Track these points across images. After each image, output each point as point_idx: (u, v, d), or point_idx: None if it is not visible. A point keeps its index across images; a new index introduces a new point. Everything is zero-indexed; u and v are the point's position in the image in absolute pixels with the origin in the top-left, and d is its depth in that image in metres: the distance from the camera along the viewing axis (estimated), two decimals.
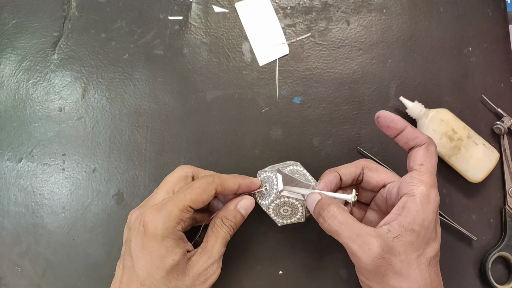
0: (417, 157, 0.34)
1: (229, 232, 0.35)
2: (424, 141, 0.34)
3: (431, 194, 0.32)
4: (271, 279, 0.42)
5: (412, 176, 0.33)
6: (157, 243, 0.31)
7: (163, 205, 0.33)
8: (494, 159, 0.42)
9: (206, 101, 0.46)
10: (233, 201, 0.37)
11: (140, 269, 0.32)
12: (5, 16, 0.48)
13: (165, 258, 0.32)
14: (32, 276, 0.43)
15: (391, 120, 0.35)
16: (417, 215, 0.31)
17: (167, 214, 0.32)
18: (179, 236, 0.33)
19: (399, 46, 0.47)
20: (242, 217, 0.36)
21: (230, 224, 0.35)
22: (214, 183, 0.34)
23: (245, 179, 0.37)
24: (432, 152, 0.34)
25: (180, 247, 0.32)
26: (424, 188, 0.32)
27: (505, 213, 0.44)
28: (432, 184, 0.32)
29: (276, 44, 0.47)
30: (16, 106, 0.46)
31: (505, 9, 0.48)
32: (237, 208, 0.36)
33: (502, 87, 0.47)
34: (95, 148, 0.45)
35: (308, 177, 0.38)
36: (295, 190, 0.37)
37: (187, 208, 0.33)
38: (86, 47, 0.47)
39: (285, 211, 0.37)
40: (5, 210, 0.44)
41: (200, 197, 0.33)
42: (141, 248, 0.32)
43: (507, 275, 0.43)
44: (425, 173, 0.33)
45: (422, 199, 0.31)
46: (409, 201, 0.32)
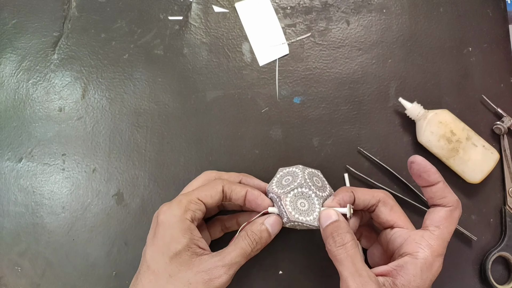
0: (436, 217, 0.33)
1: (250, 245, 0.34)
2: (450, 204, 0.33)
3: (434, 263, 0.31)
4: (271, 279, 0.42)
5: (423, 236, 0.32)
6: (165, 230, 0.33)
7: (174, 199, 0.35)
8: (493, 160, 0.42)
9: (206, 101, 0.46)
10: (261, 218, 0.36)
11: (148, 253, 0.34)
12: (5, 16, 0.48)
13: (170, 245, 0.33)
14: (31, 275, 0.43)
15: (424, 170, 0.33)
16: (413, 280, 0.30)
17: (177, 204, 0.34)
18: (187, 225, 0.33)
19: (399, 46, 0.47)
20: (268, 234, 0.35)
21: (254, 237, 0.34)
22: (220, 181, 0.36)
23: (253, 189, 0.37)
24: (455, 218, 0.33)
25: (186, 237, 0.33)
26: (430, 254, 0.31)
27: (505, 213, 0.44)
28: (439, 253, 0.31)
29: (276, 44, 0.47)
30: (16, 106, 0.46)
31: (505, 9, 0.48)
32: (264, 223, 0.35)
33: (502, 87, 0.47)
34: (95, 148, 0.45)
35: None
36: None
37: (195, 199, 0.35)
38: (86, 47, 0.47)
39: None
40: (5, 210, 0.44)
41: (207, 192, 0.35)
42: (152, 237, 0.34)
43: (507, 275, 0.43)
44: (438, 239, 0.31)
45: (423, 266, 0.30)
46: (410, 263, 0.31)
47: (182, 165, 0.44)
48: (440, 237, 0.32)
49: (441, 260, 0.31)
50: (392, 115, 0.46)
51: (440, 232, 0.32)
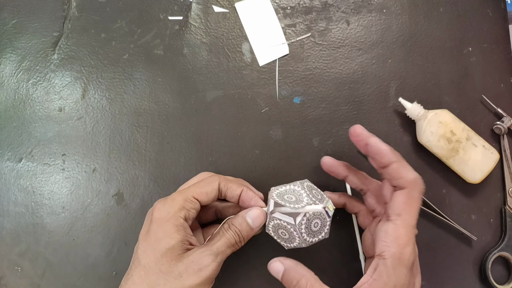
0: (395, 204, 0.32)
1: (233, 237, 0.35)
2: (406, 184, 0.32)
3: (404, 254, 0.30)
4: (271, 279, 0.42)
5: (387, 232, 0.31)
6: (158, 227, 0.33)
7: (169, 196, 0.35)
8: (493, 160, 0.42)
9: (206, 101, 0.46)
10: (244, 210, 0.36)
11: (140, 249, 0.34)
12: (5, 16, 0.48)
13: (162, 241, 0.33)
14: (31, 276, 0.43)
15: (377, 152, 0.33)
16: (388, 280, 0.30)
17: (171, 201, 0.34)
18: (181, 223, 0.34)
19: (399, 46, 0.47)
20: (249, 227, 0.36)
21: (235, 229, 0.35)
22: (217, 178, 0.36)
23: (249, 190, 0.37)
24: (415, 199, 0.32)
25: (179, 233, 0.33)
26: (397, 249, 0.30)
27: (505, 213, 0.44)
28: (406, 241, 0.31)
29: (276, 44, 0.47)
30: (16, 106, 0.46)
31: (505, 9, 0.48)
32: (245, 216, 0.36)
33: (502, 87, 0.47)
34: (95, 148, 0.45)
35: (302, 198, 0.35)
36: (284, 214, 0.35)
37: (190, 198, 0.35)
38: (86, 47, 0.47)
39: (283, 234, 0.35)
40: (5, 210, 0.44)
41: (203, 189, 0.35)
42: (145, 233, 0.34)
43: (507, 275, 0.43)
44: (401, 228, 0.31)
45: (393, 263, 0.30)
46: (380, 264, 0.30)
47: (182, 165, 0.44)
48: (404, 225, 0.31)
49: (411, 246, 0.31)
50: (392, 115, 0.46)
51: (402, 220, 0.31)
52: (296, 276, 0.33)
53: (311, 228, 0.35)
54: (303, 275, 0.33)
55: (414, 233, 0.31)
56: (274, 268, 0.35)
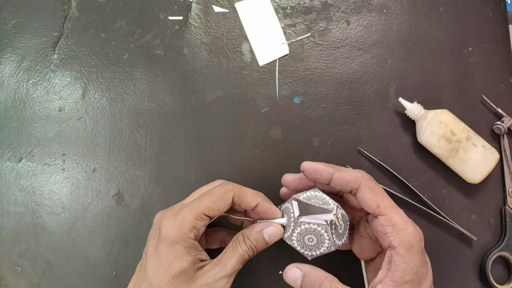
0: (366, 201, 0.32)
1: (247, 252, 0.34)
2: (357, 183, 0.33)
3: (410, 237, 0.31)
4: (271, 279, 0.42)
5: (382, 224, 0.32)
6: (168, 248, 0.32)
7: (179, 210, 0.33)
8: (493, 160, 0.42)
9: (206, 101, 0.46)
10: (261, 225, 0.35)
11: (150, 269, 0.32)
12: (5, 16, 0.48)
13: (173, 264, 0.32)
14: (31, 276, 0.43)
15: (316, 171, 0.34)
16: (406, 266, 0.30)
17: (181, 220, 0.32)
18: (191, 243, 0.32)
19: (399, 46, 0.47)
20: (265, 243, 0.35)
21: (251, 245, 0.34)
22: (232, 191, 0.34)
23: (265, 201, 0.35)
24: (374, 186, 0.33)
25: (191, 255, 0.32)
26: (400, 235, 0.31)
27: (505, 213, 0.44)
28: (403, 222, 0.31)
29: (276, 44, 0.47)
30: (16, 106, 0.46)
31: (505, 9, 0.48)
32: (262, 232, 0.34)
33: (502, 87, 0.47)
34: (95, 148, 0.45)
35: (327, 201, 0.34)
36: (315, 216, 0.34)
37: (201, 215, 0.33)
38: (86, 47, 0.47)
39: (310, 240, 0.34)
40: (5, 210, 0.44)
41: (215, 205, 0.33)
42: (154, 250, 0.33)
43: (507, 275, 0.43)
44: (389, 213, 0.31)
45: (404, 249, 0.30)
46: (394, 254, 0.31)
47: (182, 165, 0.44)
48: (389, 210, 0.32)
49: (411, 226, 0.31)
50: (392, 115, 0.46)
51: (384, 207, 0.32)
52: (317, 280, 0.32)
53: (338, 230, 0.34)
54: (324, 277, 0.32)
55: (402, 212, 0.32)
56: (291, 275, 0.33)
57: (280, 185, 0.42)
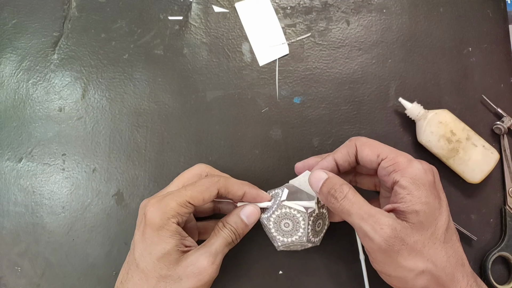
0: (366, 157, 0.34)
1: (230, 235, 0.35)
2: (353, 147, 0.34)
3: (413, 170, 0.31)
4: (271, 279, 0.42)
5: (385, 167, 0.33)
6: (153, 232, 0.33)
7: (164, 197, 0.34)
8: (493, 160, 0.42)
9: (206, 101, 0.46)
10: (238, 208, 0.37)
11: (138, 252, 0.34)
12: (5, 16, 0.48)
13: (157, 246, 0.33)
14: (31, 276, 0.43)
15: (308, 166, 0.37)
16: (411, 197, 0.31)
17: (165, 206, 0.33)
18: (175, 228, 0.33)
19: (399, 46, 0.47)
20: (244, 224, 0.36)
21: (231, 228, 0.35)
22: (218, 183, 0.35)
23: (252, 188, 0.36)
24: (369, 140, 0.34)
25: (174, 238, 0.33)
26: (403, 170, 0.31)
27: (505, 213, 0.44)
28: (406, 160, 0.32)
29: (276, 44, 0.47)
30: (16, 106, 0.46)
31: (505, 9, 0.48)
32: (239, 214, 0.36)
33: (502, 87, 0.47)
34: (95, 148, 0.45)
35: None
36: (297, 202, 0.35)
37: (185, 203, 0.34)
38: (86, 47, 0.47)
39: (286, 226, 0.35)
40: (5, 210, 0.44)
41: (200, 195, 0.34)
42: (141, 234, 0.34)
43: (507, 275, 0.43)
44: (390, 155, 0.32)
45: (407, 181, 0.31)
46: (397, 188, 0.32)
47: (182, 165, 0.44)
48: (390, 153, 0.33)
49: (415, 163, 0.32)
50: (392, 115, 0.46)
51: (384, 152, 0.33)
52: (338, 181, 0.33)
53: (315, 225, 0.35)
54: (344, 182, 0.33)
55: (407, 154, 0.33)
56: (317, 175, 0.34)
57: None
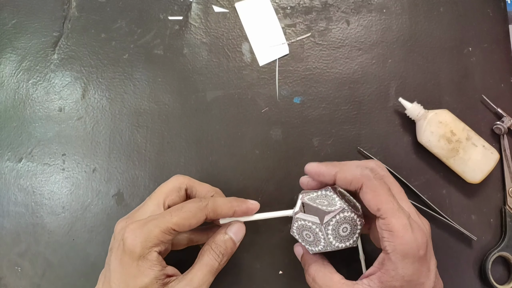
0: (367, 202, 0.31)
1: (217, 259, 0.33)
2: (359, 182, 0.31)
3: (406, 245, 0.29)
4: (271, 279, 0.42)
5: (380, 227, 0.31)
6: (132, 261, 0.31)
7: (146, 223, 0.32)
8: (493, 160, 0.42)
9: (206, 101, 0.46)
10: (223, 227, 0.35)
11: (114, 283, 0.31)
12: (5, 16, 0.48)
13: (136, 279, 0.30)
14: (31, 276, 0.43)
15: (318, 174, 0.34)
16: (395, 273, 0.30)
17: (147, 233, 0.31)
18: (155, 258, 0.31)
19: (399, 46, 0.47)
20: (233, 243, 0.34)
21: (219, 249, 0.33)
22: (205, 209, 0.33)
23: (241, 204, 0.35)
24: (376, 186, 0.31)
25: (154, 270, 0.31)
26: (396, 242, 0.30)
27: (505, 213, 0.44)
28: (401, 229, 0.30)
29: (276, 44, 0.47)
30: (16, 106, 0.46)
31: (505, 9, 0.48)
32: (227, 233, 0.34)
33: (502, 87, 0.47)
34: (95, 148, 0.45)
35: (335, 202, 0.33)
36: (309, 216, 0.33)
37: (170, 230, 0.31)
38: (86, 47, 0.47)
39: (308, 237, 0.34)
40: (5, 210, 0.44)
41: (187, 221, 0.32)
42: (118, 263, 0.31)
43: (507, 275, 0.43)
44: (389, 218, 0.30)
45: (396, 257, 0.30)
46: (386, 259, 0.30)
47: (182, 165, 0.44)
48: (391, 215, 0.30)
49: (409, 234, 0.30)
50: (392, 115, 0.46)
51: (384, 211, 0.30)
52: (309, 261, 0.35)
53: (339, 232, 0.33)
54: (316, 260, 0.34)
55: (406, 217, 0.30)
56: (297, 249, 0.37)
57: (281, 184, 0.42)
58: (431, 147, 0.43)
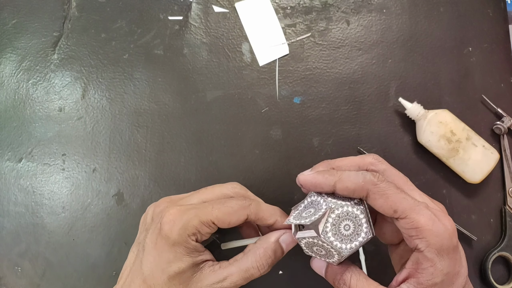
0: (380, 209, 0.29)
1: (260, 270, 0.31)
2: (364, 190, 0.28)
3: (438, 237, 0.27)
4: (271, 279, 0.42)
5: (404, 227, 0.28)
6: (169, 247, 0.30)
7: (186, 210, 0.31)
8: (493, 160, 0.42)
9: (206, 101, 0.46)
10: (274, 233, 0.33)
11: (146, 266, 0.30)
12: (5, 16, 0.48)
13: (171, 264, 0.30)
14: (32, 276, 0.43)
15: (314, 185, 0.30)
16: (434, 270, 0.28)
17: (187, 221, 0.30)
18: (193, 245, 0.31)
19: (399, 46, 0.47)
20: (282, 253, 0.33)
21: (267, 261, 0.31)
22: (248, 209, 0.32)
23: (283, 217, 0.33)
24: (384, 188, 0.28)
25: (191, 256, 0.30)
26: (427, 237, 0.27)
27: (505, 213, 0.44)
28: (428, 221, 0.27)
29: (276, 44, 0.47)
30: (16, 106, 0.46)
31: (505, 9, 0.48)
32: (279, 241, 0.32)
33: (502, 87, 0.47)
34: (95, 148, 0.45)
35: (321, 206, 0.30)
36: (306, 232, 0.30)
37: (209, 223, 0.30)
38: (86, 47, 0.47)
39: (319, 251, 0.31)
40: (5, 210, 0.44)
41: (227, 217, 0.31)
42: (153, 245, 0.31)
43: (507, 275, 0.43)
44: (410, 215, 0.28)
45: (432, 252, 0.28)
46: (421, 258, 0.28)
47: (183, 165, 0.44)
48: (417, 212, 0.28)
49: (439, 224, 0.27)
50: (392, 115, 0.46)
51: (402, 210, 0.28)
52: (340, 270, 0.31)
53: (341, 232, 0.30)
54: (347, 267, 0.31)
55: (426, 207, 0.28)
56: (317, 264, 0.32)
57: (281, 184, 0.42)
58: (431, 147, 0.43)
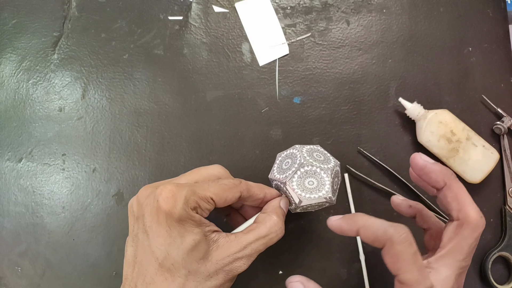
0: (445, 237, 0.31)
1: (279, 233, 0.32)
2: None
3: None
4: (271, 279, 0.42)
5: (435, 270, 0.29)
6: (175, 222, 0.28)
7: (183, 186, 0.29)
8: (493, 160, 0.42)
9: (206, 101, 0.46)
10: (275, 201, 0.34)
11: (158, 248, 0.28)
12: (5, 16, 0.48)
13: (185, 237, 0.28)
14: (32, 276, 0.43)
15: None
16: None
17: (187, 195, 0.29)
18: (198, 218, 0.29)
19: (399, 46, 0.47)
20: (284, 216, 0.34)
21: (283, 223, 0.33)
22: (240, 186, 0.32)
23: (270, 189, 0.35)
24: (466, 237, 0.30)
25: (201, 227, 0.29)
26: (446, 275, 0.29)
27: (505, 213, 0.44)
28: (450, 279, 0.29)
29: (276, 44, 0.47)
30: (16, 106, 0.46)
31: (505, 9, 0.48)
32: (280, 205, 0.33)
33: (502, 87, 0.47)
34: (95, 148, 0.45)
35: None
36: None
37: (208, 198, 0.30)
38: (86, 47, 0.47)
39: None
40: (5, 210, 0.44)
41: (224, 193, 0.31)
42: (157, 225, 0.28)
43: (507, 275, 0.43)
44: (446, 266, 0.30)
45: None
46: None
47: (182, 165, 0.44)
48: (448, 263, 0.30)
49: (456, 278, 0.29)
50: (392, 115, 0.46)
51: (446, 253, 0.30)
52: None
53: (305, 186, 0.33)
54: None
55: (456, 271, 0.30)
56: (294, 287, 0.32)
57: None
58: (431, 147, 0.43)
